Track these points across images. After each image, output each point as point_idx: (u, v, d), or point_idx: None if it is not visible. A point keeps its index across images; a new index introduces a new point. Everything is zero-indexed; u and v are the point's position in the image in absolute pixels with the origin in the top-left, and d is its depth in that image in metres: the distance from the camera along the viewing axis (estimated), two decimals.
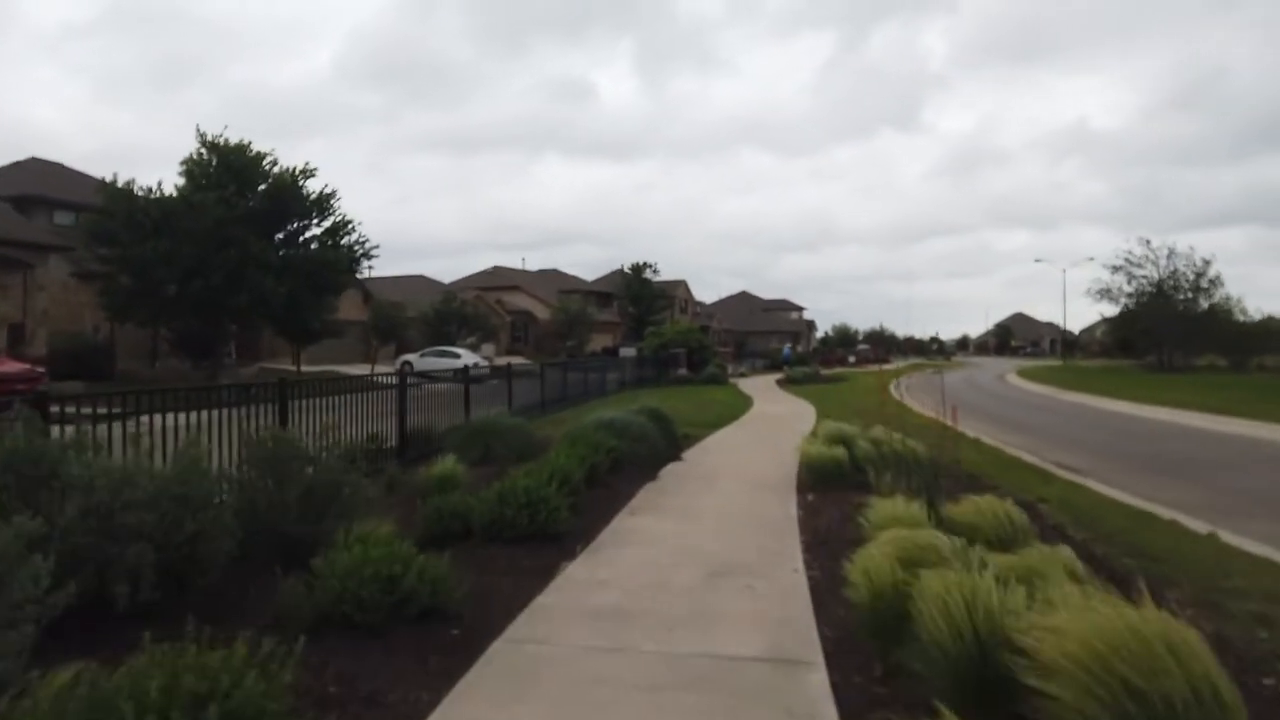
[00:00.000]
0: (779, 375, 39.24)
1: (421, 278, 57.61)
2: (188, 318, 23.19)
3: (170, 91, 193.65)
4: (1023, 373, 48.90)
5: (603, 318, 66.68)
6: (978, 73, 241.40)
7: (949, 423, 11.97)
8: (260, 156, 23.86)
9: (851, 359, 72.21)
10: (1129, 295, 47.83)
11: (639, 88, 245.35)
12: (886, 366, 68.77)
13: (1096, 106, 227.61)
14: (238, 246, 21.74)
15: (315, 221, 25.18)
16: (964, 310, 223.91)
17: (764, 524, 6.83)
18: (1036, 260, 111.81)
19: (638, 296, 69.20)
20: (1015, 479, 9.49)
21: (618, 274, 72.79)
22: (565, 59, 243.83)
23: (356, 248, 25.89)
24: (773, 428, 15.32)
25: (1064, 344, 79.06)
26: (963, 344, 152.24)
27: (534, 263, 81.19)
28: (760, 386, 31.07)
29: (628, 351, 32.40)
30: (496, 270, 69.96)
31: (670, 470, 9.67)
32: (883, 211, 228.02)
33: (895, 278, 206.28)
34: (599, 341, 62.33)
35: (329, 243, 25.21)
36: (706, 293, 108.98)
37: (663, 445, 10.44)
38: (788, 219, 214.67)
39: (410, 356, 40.05)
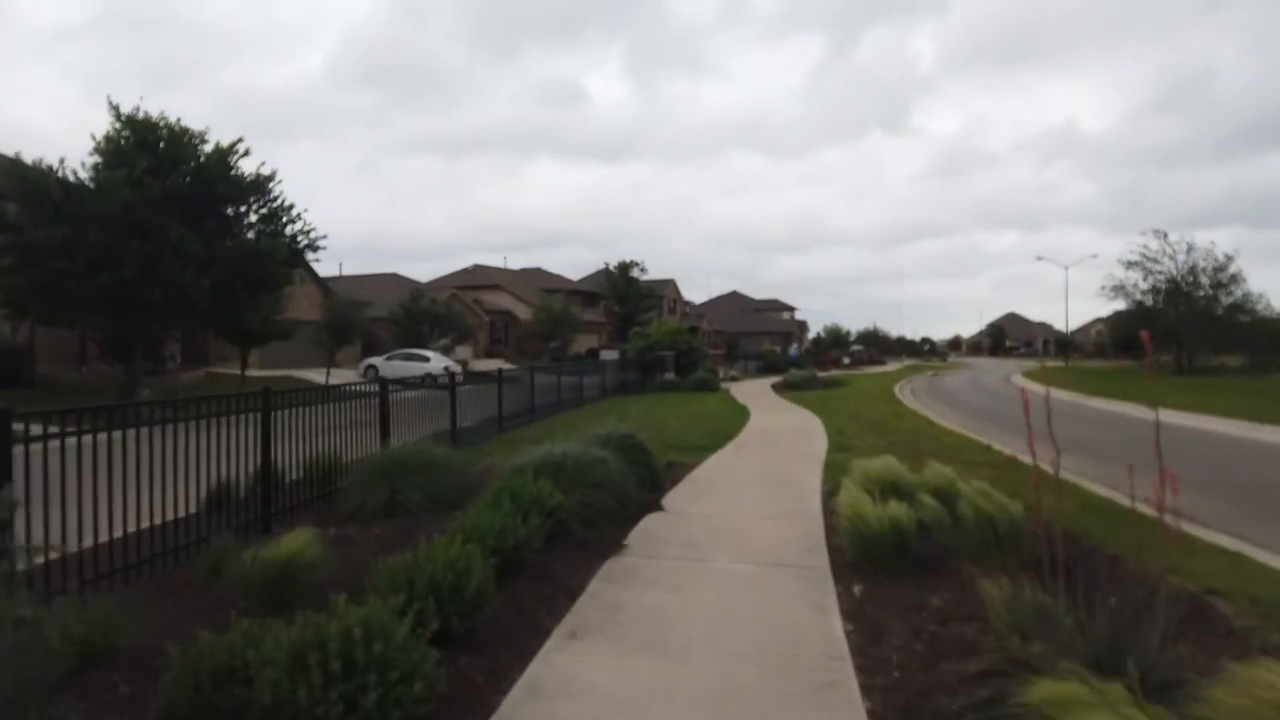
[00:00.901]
0: (774, 379, 36.42)
1: (395, 275, 54.49)
2: (97, 315, 20.14)
3: (161, 93, 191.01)
4: (1032, 375, 46.34)
5: (588, 318, 63.75)
6: (966, 76, 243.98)
7: (998, 447, 9.24)
8: (185, 133, 20.83)
9: (846, 360, 69.51)
10: (1145, 292, 45.12)
11: (631, 90, 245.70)
12: (883, 368, 66.25)
13: (1084, 109, 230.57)
14: (155, 234, 18.72)
15: (251, 207, 22.16)
16: (953, 311, 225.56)
17: (794, 664, 3.97)
18: (1038, 258, 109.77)
19: (624, 296, 66.37)
20: (1132, 540, 6.67)
21: (604, 273, 69.86)
22: (557, 62, 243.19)
23: (300, 237, 22.86)
24: (777, 450, 12.48)
25: (1065, 344, 76.63)
26: (955, 344, 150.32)
27: (524, 264, 78.29)
28: (755, 392, 28.25)
29: (609, 354, 29.51)
30: (477, 269, 66.92)
31: (645, 530, 6.80)
32: (873, 213, 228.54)
33: (885, 278, 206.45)
34: (584, 343, 59.41)
35: (267, 231, 22.18)
36: (697, 294, 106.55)
37: (636, 490, 7.57)
38: (779, 221, 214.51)
39: (376, 360, 37.10)
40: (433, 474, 7.98)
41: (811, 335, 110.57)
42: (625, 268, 68.55)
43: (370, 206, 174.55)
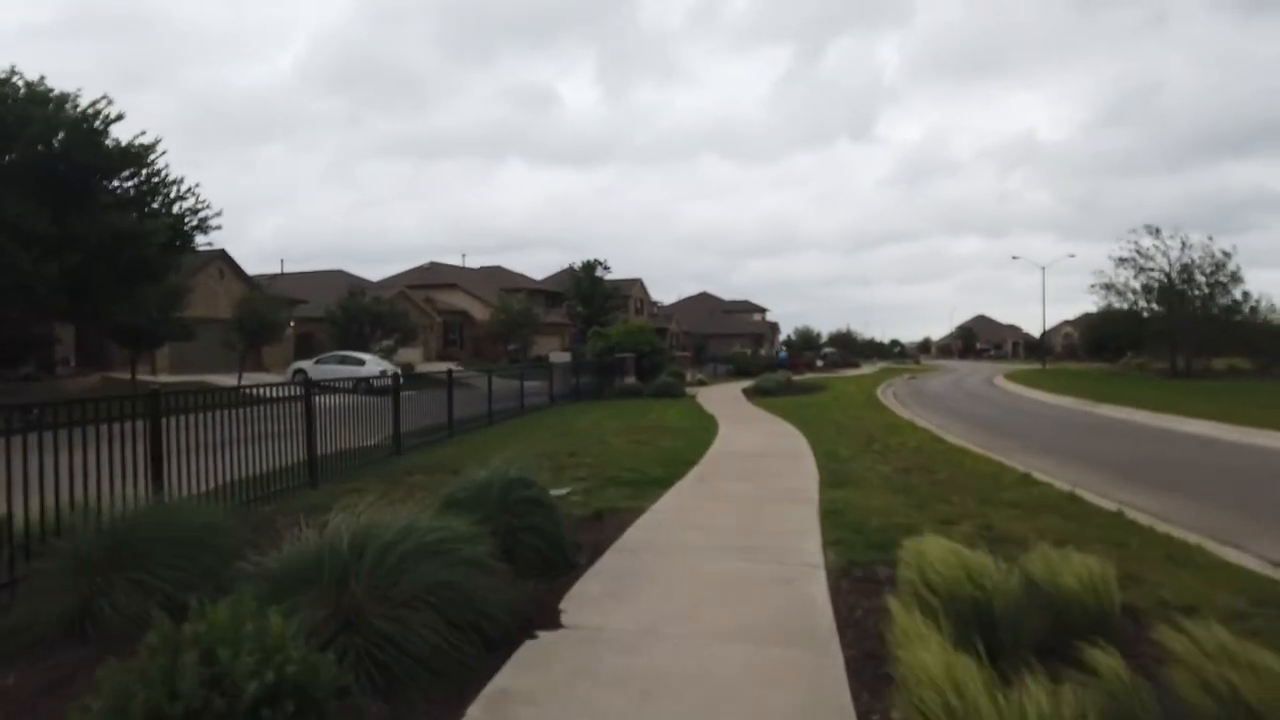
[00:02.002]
0: (745, 383, 33.36)
1: (341, 273, 50.64)
2: None
3: (128, 93, 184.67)
4: (1015, 377, 43.82)
5: (551, 319, 60.36)
6: (929, 86, 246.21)
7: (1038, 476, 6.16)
8: (46, 93, 17.23)
9: (819, 363, 66.82)
10: (1138, 292, 42.70)
11: (603, 96, 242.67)
12: (857, 371, 63.58)
13: (1042, 119, 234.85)
14: None
15: (127, 185, 18.58)
16: (920, 314, 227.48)
17: None
18: (1013, 257, 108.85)
19: (589, 296, 63.08)
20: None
21: (568, 273, 66.56)
22: (530, 67, 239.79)
23: (189, 217, 19.30)
24: (753, 483, 9.33)
25: (1040, 347, 74.67)
26: (924, 347, 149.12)
27: (493, 266, 74.47)
28: (724, 399, 25.15)
29: (560, 356, 26.21)
30: (433, 267, 63.14)
31: (499, 697, 3.57)
32: (841, 218, 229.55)
33: (854, 282, 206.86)
34: (546, 345, 55.89)
35: (146, 210, 18.60)
36: (668, 297, 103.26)
37: (509, 586, 4.33)
38: (749, 225, 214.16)
39: (305, 363, 33.44)
40: (183, 553, 4.74)
41: (783, 337, 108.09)
42: (590, 267, 65.35)
43: (340, 209, 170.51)
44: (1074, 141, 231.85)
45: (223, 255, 35.06)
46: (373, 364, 30.56)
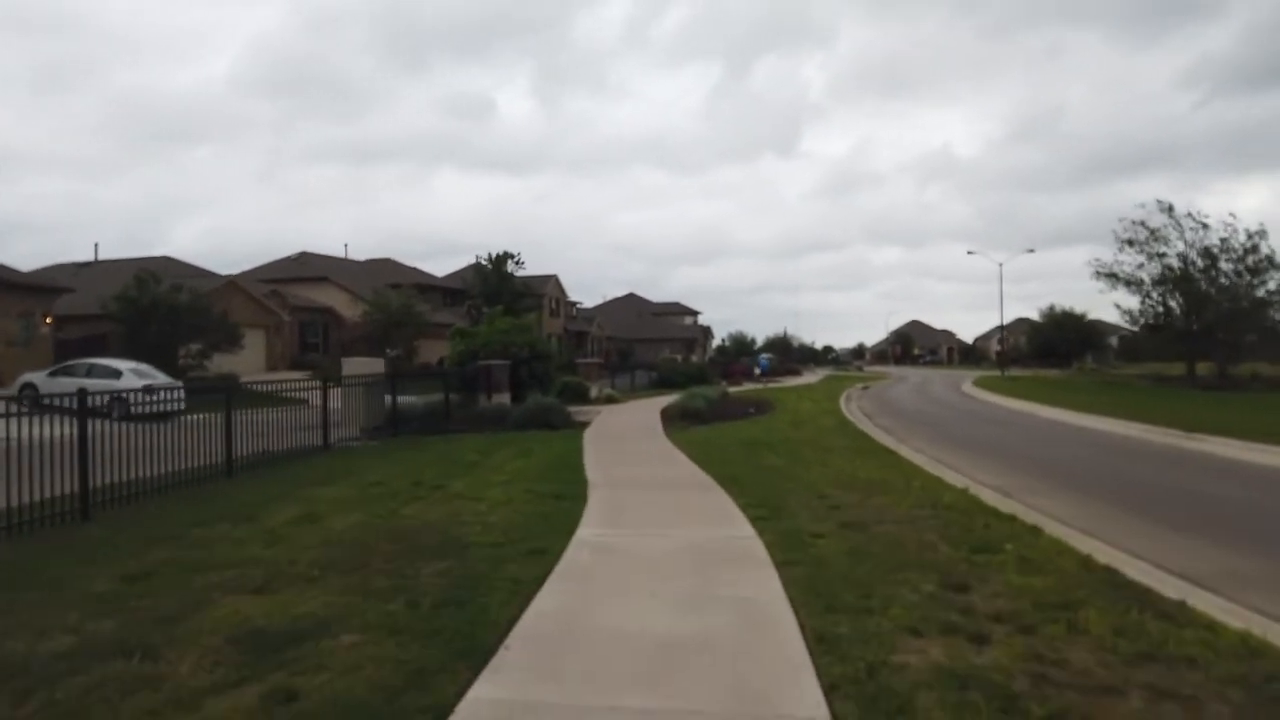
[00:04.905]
0: (670, 397, 24.94)
1: (167, 259, 40.35)
2: None
3: (51, 94, 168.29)
4: (989, 386, 36.75)
5: (443, 319, 51.13)
6: (852, 103, 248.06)
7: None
8: None
9: (757, 370, 58.93)
10: (1145, 284, 35.36)
11: (537, 106, 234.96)
12: (799, 379, 55.90)
13: (958, 135, 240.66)
14: None
15: None
16: (845, 320, 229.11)
17: None
18: (969, 252, 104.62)
19: (495, 293, 53.75)
20: None
21: (474, 268, 57.42)
22: (467, 77, 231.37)
23: None
24: None
25: (1005, 354, 68.16)
26: (858, 352, 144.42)
27: (443, 270, 64.74)
28: (632, 427, 16.80)
29: (366, 365, 17.29)
30: (303, 257, 53.15)
31: None
32: (769, 228, 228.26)
33: (782, 290, 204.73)
34: (438, 349, 46.74)
35: None
36: (596, 300, 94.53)
37: None
38: (680, 233, 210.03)
39: (34, 376, 23.70)
40: None
41: (716, 342, 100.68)
42: (500, 260, 56.51)
43: (270, 213, 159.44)
44: (986, 157, 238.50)
45: None
46: (132, 376, 21.24)
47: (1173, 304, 34.70)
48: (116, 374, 21.72)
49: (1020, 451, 14.15)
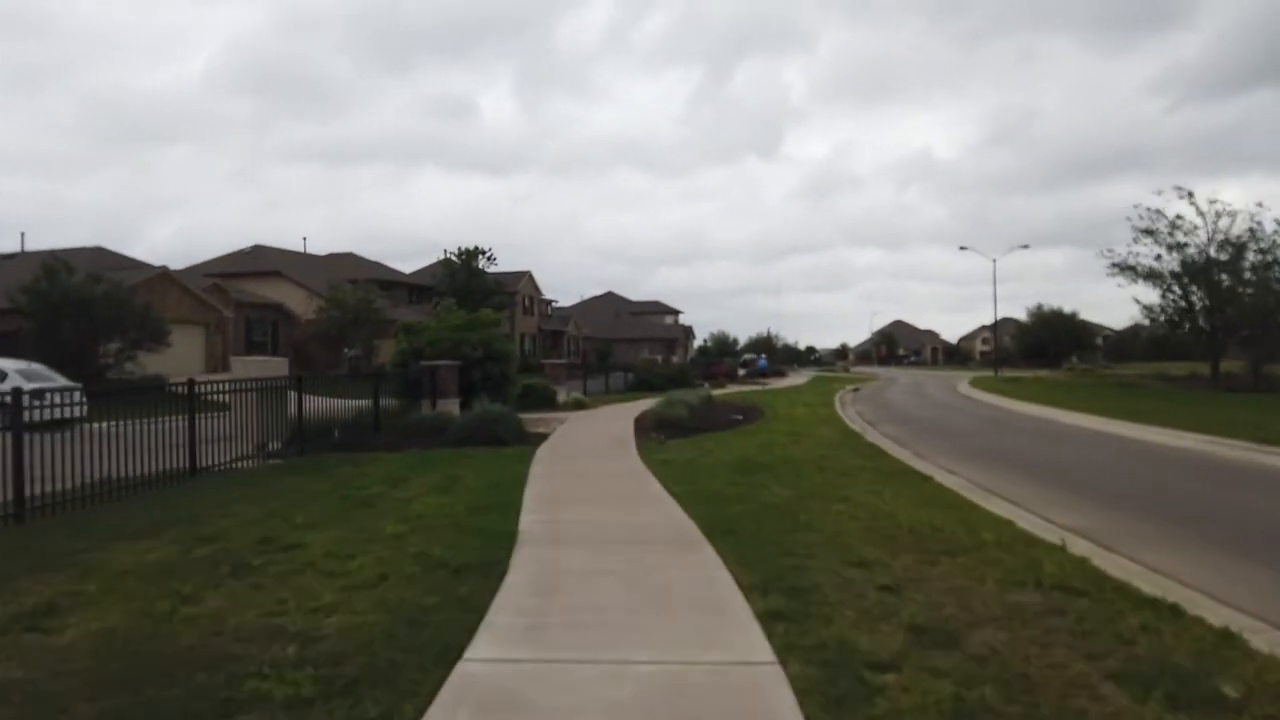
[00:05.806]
0: (647, 401, 22.13)
1: (99, 249, 36.88)
2: None
3: (22, 95, 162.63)
4: (988, 387, 34.27)
5: (405, 316, 47.89)
6: (832, 107, 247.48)
7: None
8: None
9: (742, 371, 56.11)
10: (1166, 277, 32.73)
11: (519, 108, 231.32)
12: (785, 381, 53.02)
13: (936, 139, 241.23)
14: None
15: None
16: (826, 321, 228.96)
17: None
18: (961, 248, 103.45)
19: (465, 290, 50.55)
20: None
21: (443, 263, 54.27)
22: (447, 79, 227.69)
23: None
24: None
25: (998, 355, 65.88)
26: (841, 353, 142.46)
27: (417, 269, 61.30)
28: (598, 443, 13.99)
29: (264, 365, 14.29)
30: (256, 251, 49.73)
31: None
32: (750, 229, 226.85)
33: (763, 291, 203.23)
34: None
35: None
36: (574, 300, 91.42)
37: None
38: (661, 235, 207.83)
39: None
40: None
41: (698, 343, 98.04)
42: (470, 255, 53.38)
43: (247, 212, 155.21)
44: (964, 160, 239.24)
45: None
46: (18, 379, 18.13)
47: (1194, 299, 32.32)
48: (1, 375, 18.58)
49: (1076, 473, 11.45)
